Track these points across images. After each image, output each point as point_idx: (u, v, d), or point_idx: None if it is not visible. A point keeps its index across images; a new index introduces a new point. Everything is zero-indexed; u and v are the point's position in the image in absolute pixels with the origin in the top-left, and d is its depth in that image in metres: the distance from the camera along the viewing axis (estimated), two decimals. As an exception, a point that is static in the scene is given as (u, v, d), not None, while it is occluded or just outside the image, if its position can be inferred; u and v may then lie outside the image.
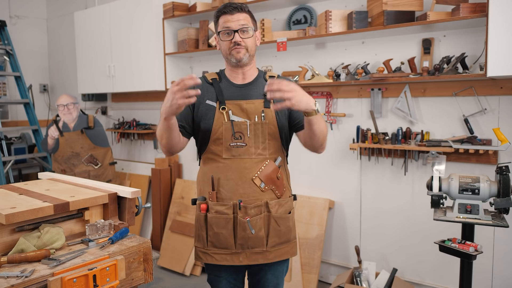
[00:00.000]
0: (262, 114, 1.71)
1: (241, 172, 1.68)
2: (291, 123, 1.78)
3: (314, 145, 1.69)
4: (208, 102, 1.74)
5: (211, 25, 3.39)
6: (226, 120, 1.70)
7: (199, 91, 1.50)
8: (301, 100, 1.47)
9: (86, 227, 1.37)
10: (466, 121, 2.51)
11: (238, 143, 1.69)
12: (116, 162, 3.75)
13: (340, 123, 3.05)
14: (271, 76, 1.80)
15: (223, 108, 1.71)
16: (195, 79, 1.44)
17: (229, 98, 1.73)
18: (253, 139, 1.69)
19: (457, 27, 2.49)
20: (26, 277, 1.09)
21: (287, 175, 1.83)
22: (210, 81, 1.78)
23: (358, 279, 2.77)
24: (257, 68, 1.84)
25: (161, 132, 1.63)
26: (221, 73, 1.82)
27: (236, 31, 1.67)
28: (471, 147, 2.41)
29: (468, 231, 1.95)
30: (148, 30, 3.68)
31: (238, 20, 1.67)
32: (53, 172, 3.41)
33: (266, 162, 1.71)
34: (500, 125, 2.44)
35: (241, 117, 1.71)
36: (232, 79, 1.78)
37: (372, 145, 2.79)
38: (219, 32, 1.72)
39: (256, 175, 1.69)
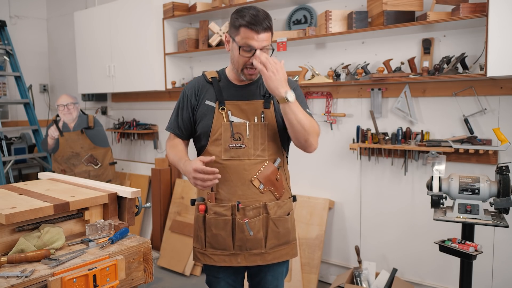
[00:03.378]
0: (262, 115, 1.70)
1: (240, 173, 1.67)
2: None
3: (299, 140, 1.63)
4: (207, 102, 1.72)
5: (211, 25, 3.39)
6: (225, 121, 1.69)
7: (217, 179, 1.57)
8: (273, 82, 1.54)
9: (86, 227, 1.37)
10: (466, 121, 2.51)
11: (237, 145, 1.67)
12: (116, 162, 3.75)
13: (340, 123, 3.05)
14: None
15: (223, 109, 1.70)
16: (216, 176, 1.55)
17: (228, 98, 1.72)
18: (252, 140, 1.68)
19: (457, 27, 2.49)
20: (26, 277, 1.09)
21: (286, 176, 1.82)
22: (210, 80, 1.76)
23: (358, 279, 2.77)
24: None
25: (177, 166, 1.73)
26: (221, 72, 1.80)
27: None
28: (471, 147, 2.41)
29: (468, 231, 1.95)
30: (148, 30, 3.68)
31: (262, 40, 1.60)
32: (53, 172, 3.41)
33: (265, 164, 1.70)
34: (500, 125, 2.44)
35: (241, 118, 1.69)
36: (232, 79, 1.76)
37: (372, 145, 2.79)
38: (239, 46, 1.61)
39: (255, 176, 1.68)
